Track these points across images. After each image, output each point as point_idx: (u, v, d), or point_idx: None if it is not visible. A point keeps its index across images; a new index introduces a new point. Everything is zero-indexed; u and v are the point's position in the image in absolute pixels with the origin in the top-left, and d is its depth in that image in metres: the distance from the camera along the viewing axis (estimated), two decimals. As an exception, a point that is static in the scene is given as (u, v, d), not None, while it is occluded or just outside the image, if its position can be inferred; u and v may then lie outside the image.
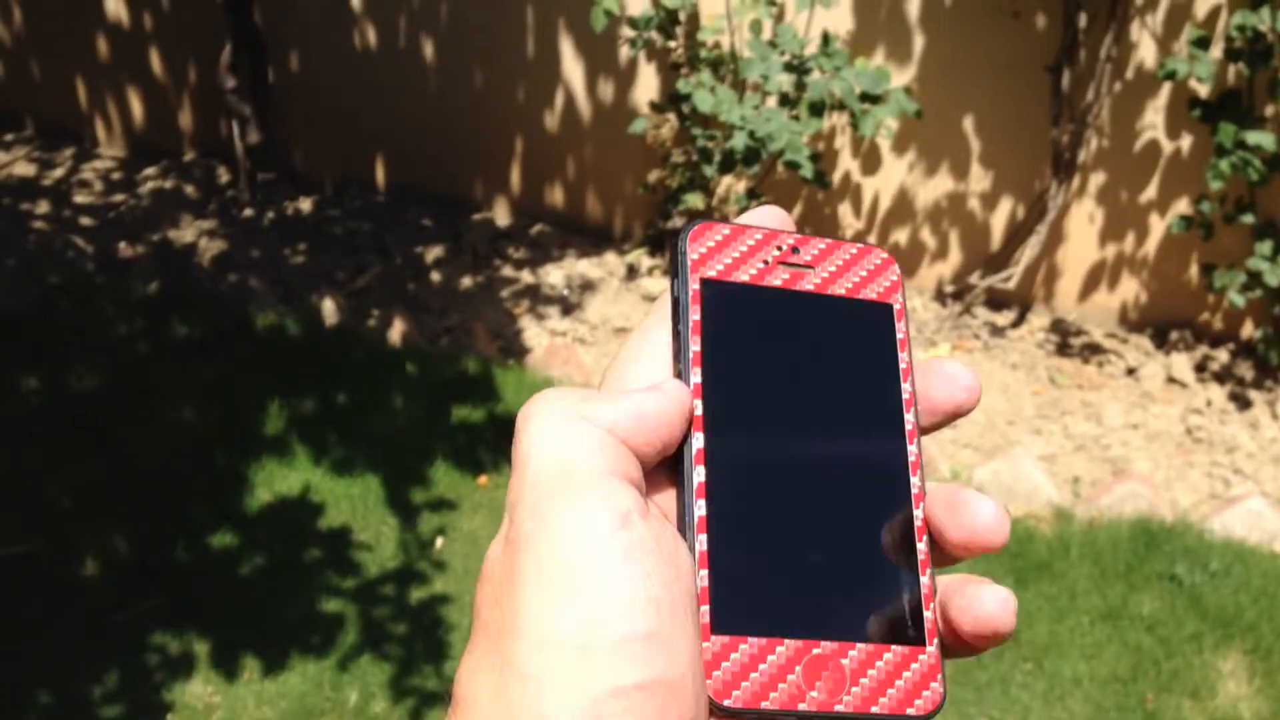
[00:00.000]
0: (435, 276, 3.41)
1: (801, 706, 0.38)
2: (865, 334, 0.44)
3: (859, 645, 0.39)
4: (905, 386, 0.43)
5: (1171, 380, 2.97)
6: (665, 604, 0.35)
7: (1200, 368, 3.00)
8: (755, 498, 0.40)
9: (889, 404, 0.43)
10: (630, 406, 0.39)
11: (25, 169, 3.97)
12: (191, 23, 3.77)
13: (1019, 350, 3.12)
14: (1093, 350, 3.10)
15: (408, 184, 3.73)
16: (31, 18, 4.07)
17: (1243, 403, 2.89)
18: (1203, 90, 2.87)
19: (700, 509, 0.39)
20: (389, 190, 3.78)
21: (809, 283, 0.44)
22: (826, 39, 2.93)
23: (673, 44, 3.14)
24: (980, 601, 0.39)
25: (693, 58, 3.09)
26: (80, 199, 3.79)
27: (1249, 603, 2.32)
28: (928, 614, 0.40)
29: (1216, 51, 2.80)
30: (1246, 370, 2.97)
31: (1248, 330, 3.05)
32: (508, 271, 3.43)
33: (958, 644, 0.40)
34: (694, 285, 0.42)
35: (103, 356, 3.03)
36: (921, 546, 0.41)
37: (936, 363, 0.43)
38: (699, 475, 0.40)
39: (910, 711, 0.39)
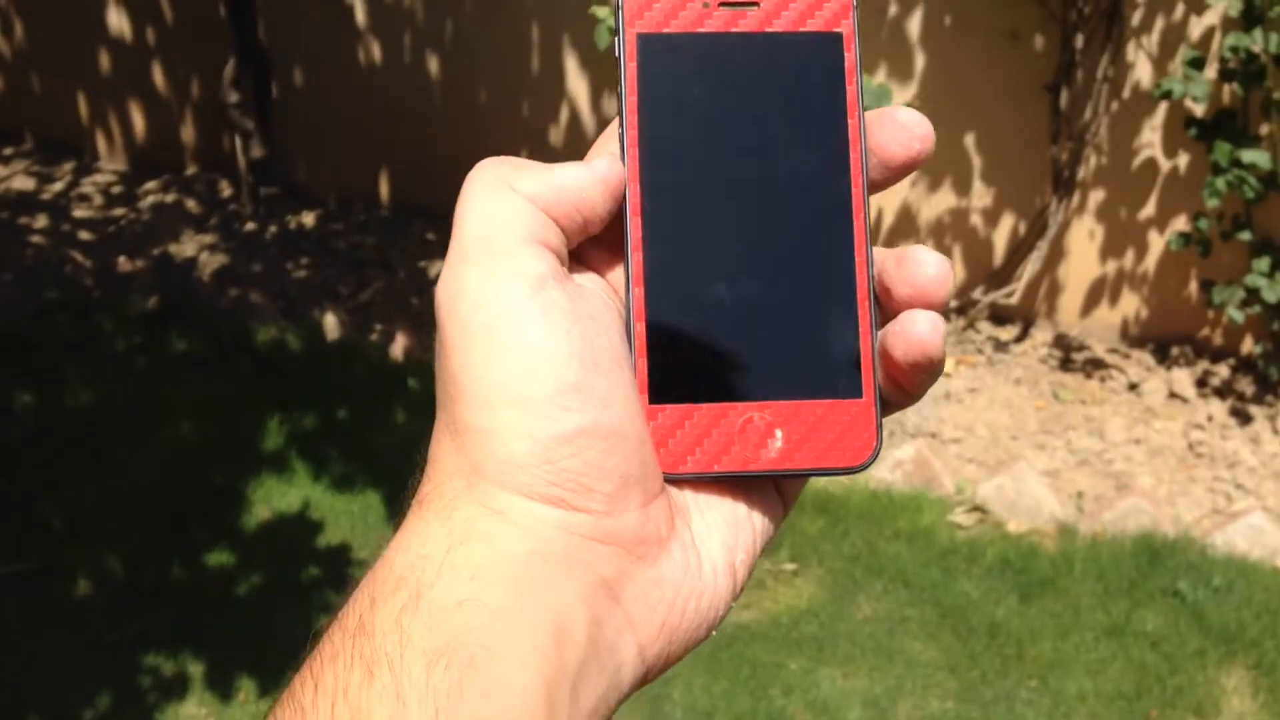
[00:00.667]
0: (436, 292, 3.42)
1: (752, 468, 0.39)
2: (810, 72, 0.41)
3: (802, 402, 0.40)
4: (851, 124, 0.41)
5: (1173, 395, 2.98)
6: (588, 357, 0.37)
7: (1201, 383, 3.01)
8: (694, 257, 0.40)
9: (834, 147, 0.41)
10: (551, 179, 0.39)
11: (24, 183, 3.97)
12: (195, 37, 3.78)
13: (1022, 365, 3.13)
14: (1095, 365, 3.11)
15: (411, 198, 3.74)
16: (32, 31, 4.08)
17: (1243, 418, 2.90)
18: (1198, 110, 2.89)
19: (636, 267, 0.39)
20: (393, 205, 3.79)
21: (750, 22, 0.42)
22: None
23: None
24: (912, 322, 0.40)
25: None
26: (80, 213, 3.79)
27: (1252, 619, 2.32)
28: (866, 365, 0.40)
29: (1211, 72, 2.83)
30: (1247, 385, 2.98)
31: (1247, 346, 3.06)
32: (509, 287, 3.43)
33: (894, 385, 0.41)
34: (628, 40, 0.41)
35: (101, 372, 3.02)
36: (863, 297, 0.40)
37: (889, 112, 0.42)
38: (633, 233, 0.40)
39: (851, 463, 0.40)
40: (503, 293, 0.37)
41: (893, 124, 0.42)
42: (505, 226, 0.38)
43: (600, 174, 0.40)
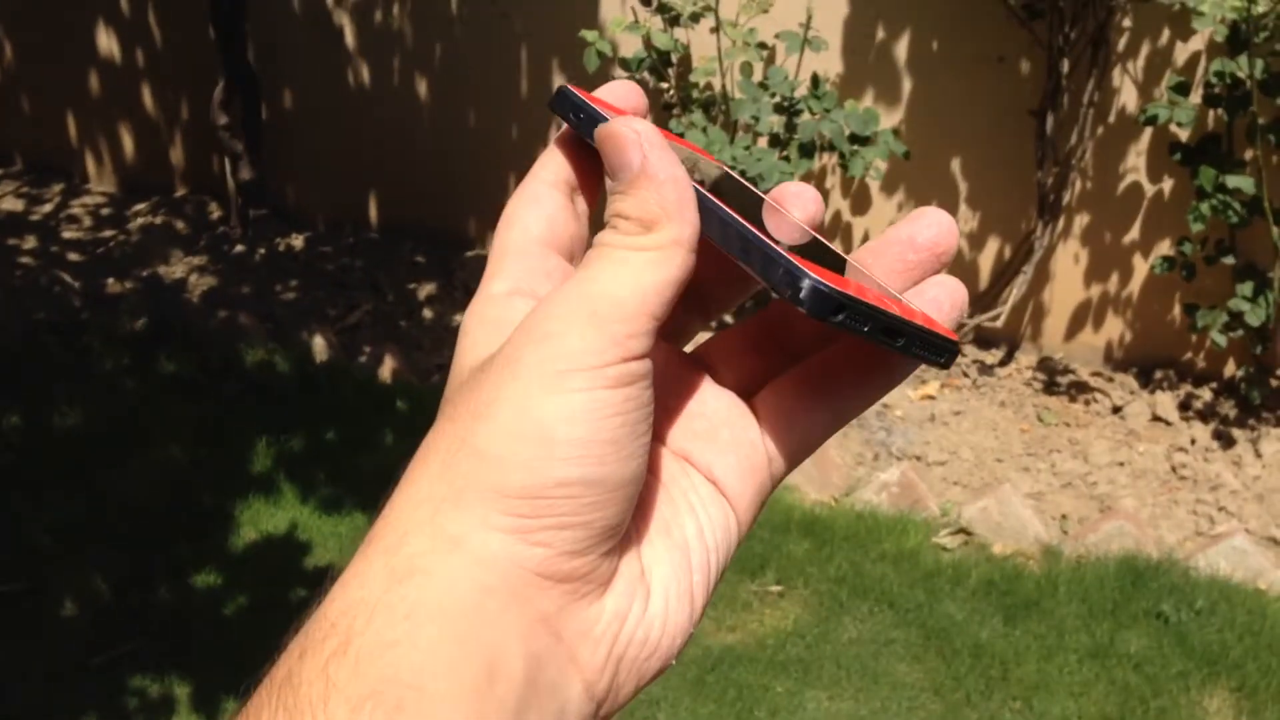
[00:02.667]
0: (427, 313, 3.42)
1: (891, 310, 0.39)
2: None
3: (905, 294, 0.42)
4: None
5: (1156, 419, 3.00)
6: (642, 425, 0.37)
7: (1184, 406, 3.03)
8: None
9: None
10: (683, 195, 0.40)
11: (13, 204, 3.97)
12: (184, 59, 3.79)
13: (1007, 388, 3.14)
14: (1079, 389, 3.12)
15: (401, 221, 3.75)
16: (22, 53, 4.09)
17: (1226, 441, 2.92)
18: (1183, 135, 2.92)
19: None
20: (382, 227, 3.80)
21: None
22: (816, 82, 2.97)
23: (665, 85, 3.17)
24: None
25: (685, 99, 3.12)
26: (69, 234, 3.80)
27: (1235, 640, 2.33)
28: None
29: (1196, 97, 2.85)
30: (1230, 409, 3.00)
31: (1230, 369, 3.08)
32: (498, 309, 3.44)
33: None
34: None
35: (89, 393, 3.02)
36: None
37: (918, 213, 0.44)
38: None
39: (953, 337, 0.41)
40: (594, 347, 0.36)
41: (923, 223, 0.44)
42: (629, 291, 0.37)
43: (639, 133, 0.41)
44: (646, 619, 0.38)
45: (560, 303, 0.38)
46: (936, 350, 0.39)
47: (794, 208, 0.44)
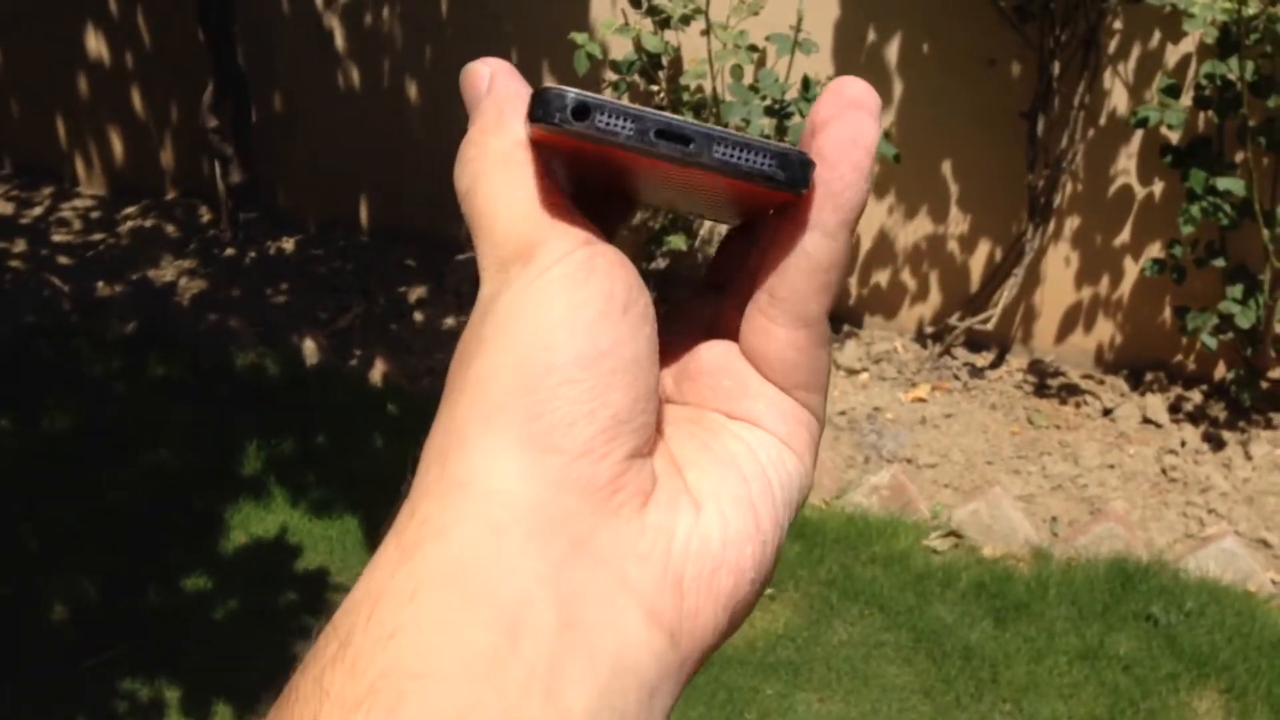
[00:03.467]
0: (418, 317, 3.42)
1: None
2: None
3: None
4: None
5: (1146, 421, 3.00)
6: (621, 298, 0.34)
7: (1174, 409, 3.03)
8: None
9: None
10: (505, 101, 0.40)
11: (3, 208, 3.96)
12: (174, 62, 3.79)
13: (998, 391, 3.14)
14: (1070, 391, 3.13)
15: (391, 224, 3.75)
16: (11, 56, 4.08)
17: (1216, 443, 2.92)
18: (1174, 137, 2.92)
19: None
20: (372, 230, 3.80)
21: None
22: (807, 83, 2.97)
23: (655, 88, 3.17)
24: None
25: (675, 101, 3.12)
26: (58, 238, 3.79)
27: (1224, 642, 2.33)
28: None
29: (1187, 99, 2.86)
30: (1220, 411, 3.01)
31: (1220, 372, 3.09)
32: (489, 312, 3.43)
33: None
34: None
35: (79, 396, 3.01)
36: None
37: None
38: None
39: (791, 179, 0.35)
40: (553, 248, 0.35)
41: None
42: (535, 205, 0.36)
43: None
44: (700, 528, 0.34)
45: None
46: (763, 157, 0.34)
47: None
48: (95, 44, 3.90)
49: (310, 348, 3.20)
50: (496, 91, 0.40)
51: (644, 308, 0.35)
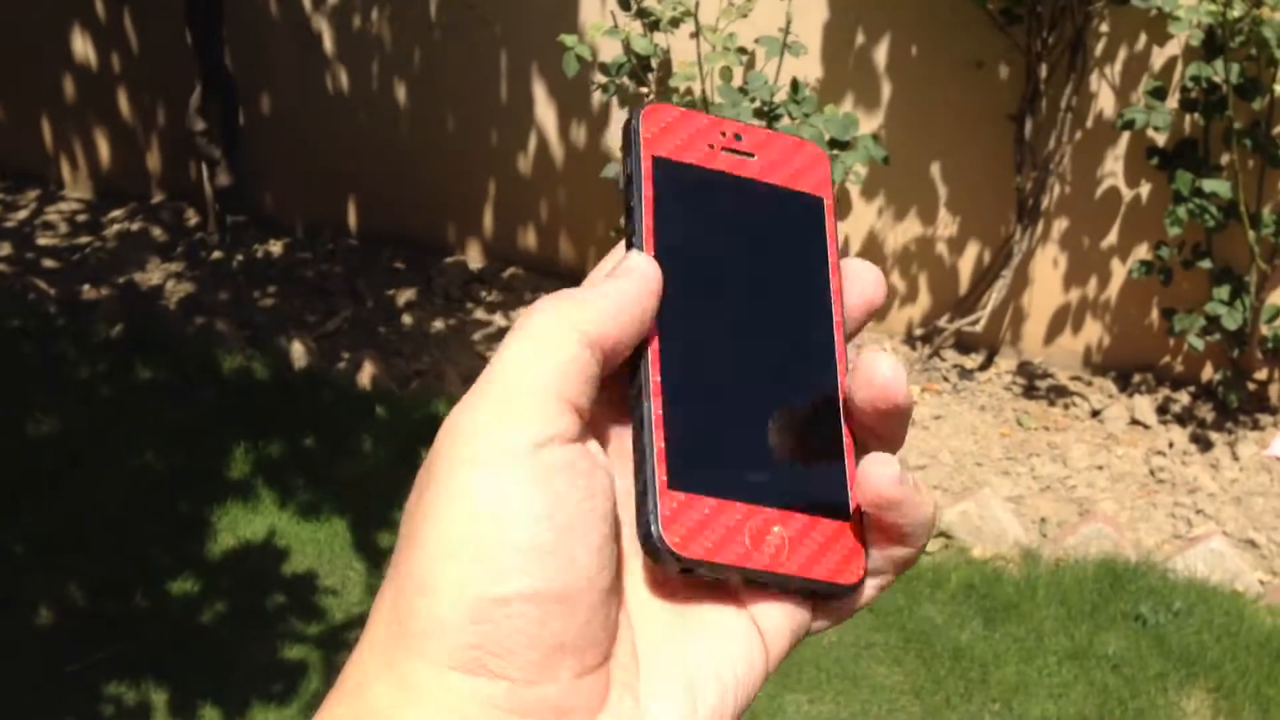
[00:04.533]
0: (407, 319, 3.41)
1: (750, 565, 0.39)
2: (799, 223, 0.45)
3: (797, 515, 0.41)
4: (833, 277, 0.45)
5: (1135, 422, 3.01)
6: (562, 519, 0.35)
7: (1162, 410, 3.04)
8: (702, 370, 0.42)
9: (819, 291, 0.44)
10: (610, 303, 0.39)
11: (-10, 210, 3.94)
12: (161, 64, 3.77)
13: (987, 393, 3.15)
14: (1058, 393, 3.13)
15: (380, 227, 3.74)
16: (-1, 60, 4.07)
17: (1204, 444, 2.93)
18: (1160, 139, 2.93)
19: (655, 376, 0.40)
20: (361, 233, 3.79)
21: (750, 169, 0.45)
22: (796, 86, 2.98)
23: (645, 90, 3.17)
24: (875, 367, 0.40)
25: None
26: (44, 241, 3.77)
27: (1212, 642, 2.34)
28: (851, 493, 0.42)
29: (1173, 102, 2.87)
30: (1207, 412, 3.02)
31: (1208, 373, 3.10)
32: (480, 315, 3.43)
33: (863, 430, 0.41)
34: (646, 162, 0.43)
35: (64, 400, 3.00)
36: (845, 428, 0.43)
37: (846, 263, 0.44)
38: (654, 345, 0.41)
39: (842, 581, 0.41)
40: (503, 439, 0.36)
41: (851, 276, 0.44)
42: (537, 377, 0.37)
43: (650, 275, 0.40)
44: None
45: (471, 392, 0.38)
46: (822, 591, 0.41)
47: (851, 288, 0.44)
48: (81, 46, 3.89)
49: (298, 350, 3.19)
50: (618, 288, 0.40)
51: (597, 520, 0.36)
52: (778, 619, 0.40)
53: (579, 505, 0.36)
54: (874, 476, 0.39)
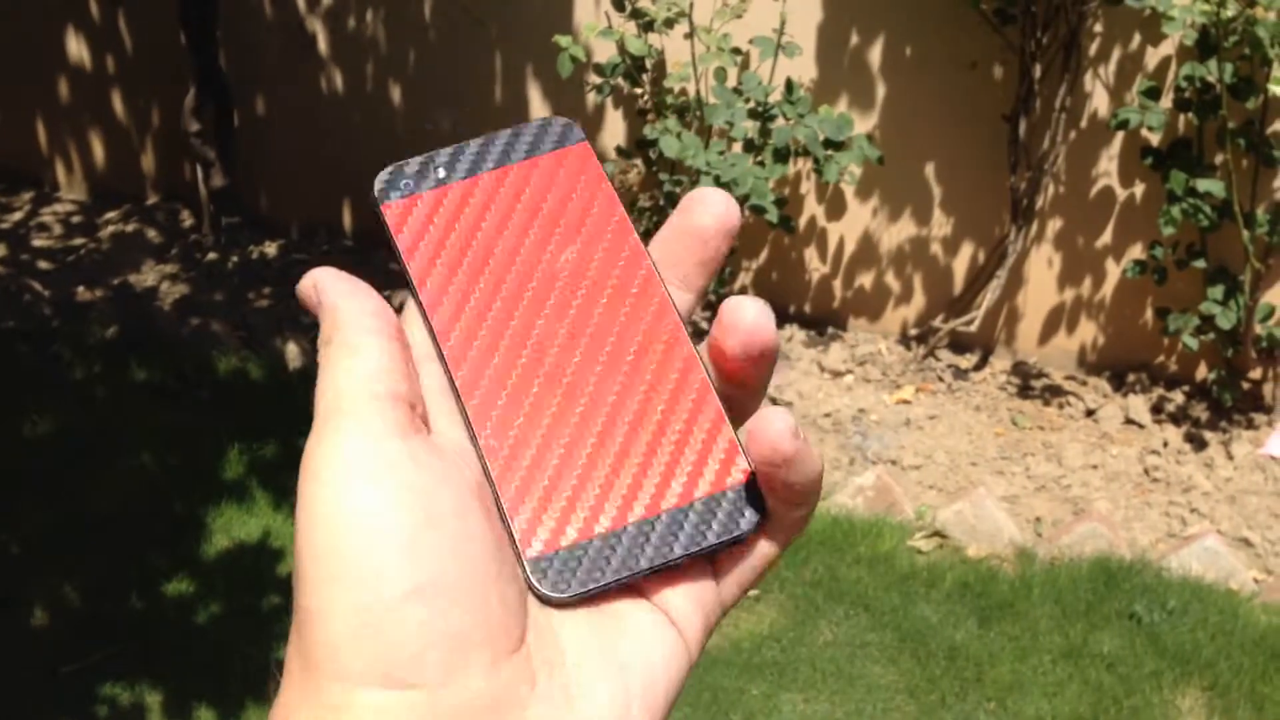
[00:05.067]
0: (400, 320, 3.41)
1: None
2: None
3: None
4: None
5: (1129, 422, 3.01)
6: (421, 515, 0.35)
7: (1157, 409, 3.05)
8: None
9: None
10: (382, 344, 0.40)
11: (-16, 212, 3.94)
12: (155, 65, 3.77)
13: (982, 392, 3.15)
14: (1053, 392, 3.14)
15: (375, 228, 3.74)
16: (-7, 61, 4.06)
17: (1198, 443, 2.94)
18: (1154, 139, 2.94)
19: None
20: (356, 234, 3.79)
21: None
22: (790, 87, 2.98)
23: (639, 90, 3.17)
24: (738, 311, 0.38)
25: (659, 104, 3.12)
26: (39, 242, 3.77)
27: (1206, 640, 2.34)
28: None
29: (1167, 101, 2.88)
30: (1201, 411, 3.02)
31: (1202, 372, 3.10)
32: (472, 315, 3.43)
33: (730, 383, 0.40)
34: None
35: (60, 401, 2.99)
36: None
37: (726, 312, 0.40)
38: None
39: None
40: (338, 457, 0.36)
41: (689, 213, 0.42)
42: (353, 384, 0.37)
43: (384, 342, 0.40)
44: None
45: (313, 425, 0.38)
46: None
47: (700, 213, 0.41)
48: (76, 47, 3.89)
49: (293, 351, 3.19)
50: (333, 309, 0.41)
51: (455, 507, 0.36)
52: (683, 605, 0.39)
53: (428, 496, 0.36)
54: (770, 431, 0.37)
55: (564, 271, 0.42)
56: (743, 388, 0.40)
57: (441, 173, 0.44)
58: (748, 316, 0.38)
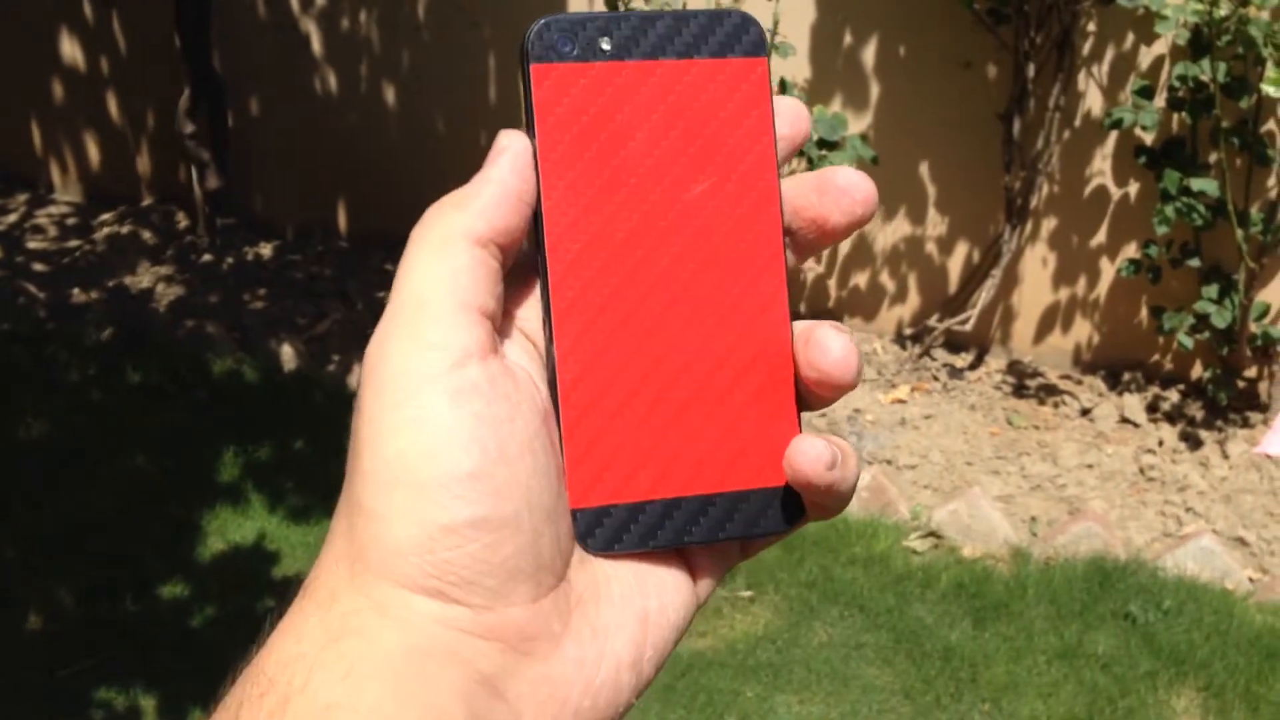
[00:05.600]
0: (395, 321, 3.40)
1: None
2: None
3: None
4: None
5: (1124, 421, 3.02)
6: (493, 444, 0.36)
7: (1152, 408, 3.05)
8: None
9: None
10: (488, 190, 0.38)
11: (-21, 214, 3.94)
12: (149, 67, 3.77)
13: (977, 392, 3.15)
14: (1048, 391, 3.14)
15: (370, 229, 3.74)
16: (-13, 63, 4.06)
17: (1193, 442, 2.94)
18: (1148, 138, 2.94)
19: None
20: (351, 235, 3.78)
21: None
22: (784, 86, 2.98)
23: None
24: (825, 351, 0.39)
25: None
26: (34, 245, 3.76)
27: (1201, 640, 2.34)
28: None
29: (1160, 100, 2.88)
30: (1197, 410, 3.02)
31: (1197, 371, 3.10)
32: (468, 316, 3.42)
33: (808, 394, 0.40)
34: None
35: (54, 403, 2.99)
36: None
37: (828, 175, 0.40)
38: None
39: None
40: (420, 366, 0.36)
41: (834, 189, 0.40)
42: (441, 290, 0.37)
43: (523, 150, 0.39)
44: (594, 688, 0.37)
45: (382, 321, 0.38)
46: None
47: (833, 206, 0.40)
48: (70, 49, 3.88)
49: (288, 353, 3.19)
50: (490, 177, 0.39)
51: (525, 439, 0.37)
52: (707, 564, 0.41)
53: (503, 427, 0.36)
54: (805, 463, 0.38)
55: (692, 203, 0.39)
56: (814, 403, 0.41)
57: (607, 45, 0.39)
58: (833, 354, 0.39)
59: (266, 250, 3.73)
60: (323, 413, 2.99)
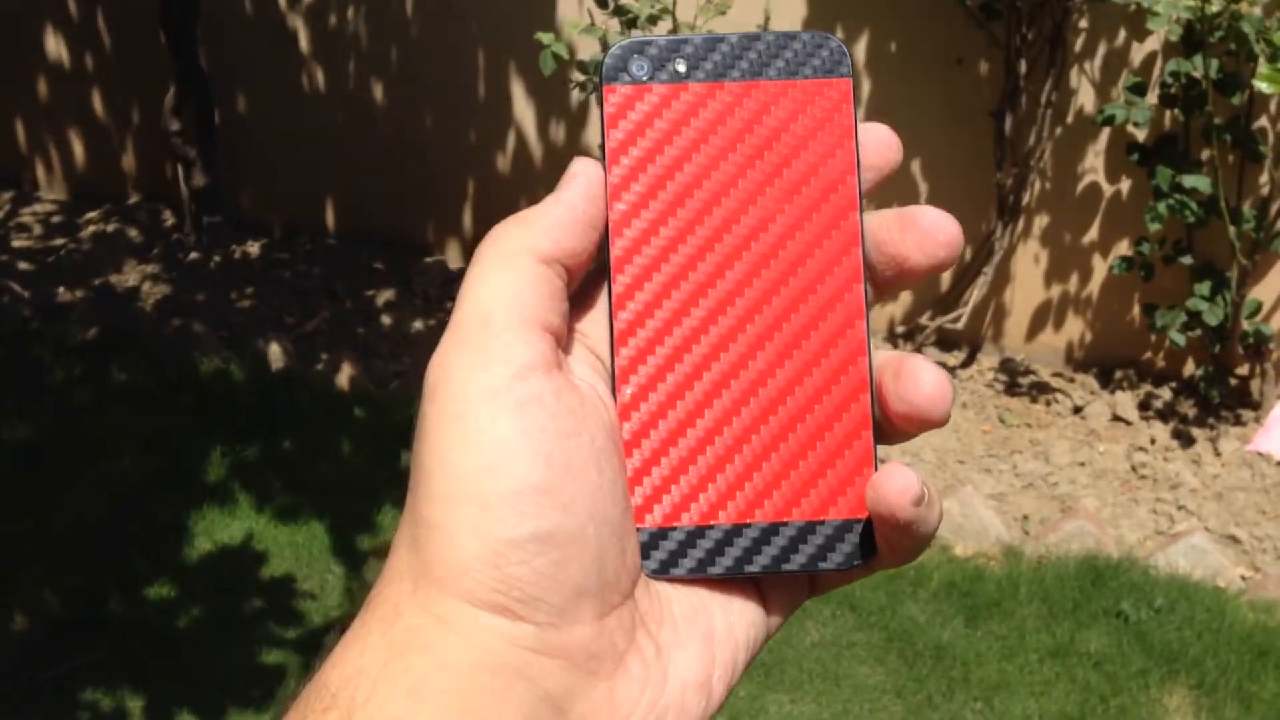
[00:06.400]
0: (386, 320, 3.39)
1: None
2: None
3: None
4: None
5: (1116, 418, 3.01)
6: (558, 458, 0.35)
7: (1144, 406, 3.04)
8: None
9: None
10: (558, 210, 0.38)
11: (-36, 213, 3.91)
12: (135, 64, 3.74)
13: (969, 390, 3.14)
14: (1040, 389, 3.13)
15: (358, 227, 3.71)
16: (-28, 60, 4.03)
17: (1186, 440, 2.93)
18: (1140, 135, 2.93)
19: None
20: (339, 234, 3.76)
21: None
22: (773, 83, 2.97)
23: (621, 88, 3.15)
24: (917, 384, 0.38)
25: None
26: (18, 243, 3.74)
27: (1193, 638, 2.33)
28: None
29: (1152, 97, 2.87)
30: (1189, 408, 3.02)
31: (1189, 369, 3.10)
32: (457, 314, 3.41)
33: (890, 428, 0.40)
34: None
35: (40, 403, 2.97)
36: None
37: (912, 214, 0.40)
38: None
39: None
40: (483, 380, 0.36)
41: (917, 228, 0.40)
42: (505, 306, 0.37)
43: (596, 178, 0.39)
44: (659, 708, 0.36)
45: (446, 333, 0.38)
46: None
47: (914, 247, 0.40)
48: (55, 46, 3.85)
49: (276, 352, 3.16)
50: (561, 199, 0.39)
51: (591, 454, 0.36)
52: (779, 595, 0.40)
53: (567, 441, 0.36)
54: (890, 495, 0.37)
55: (769, 232, 0.39)
56: (894, 436, 0.40)
57: (682, 66, 0.40)
58: (925, 387, 0.38)
59: (254, 248, 3.71)
60: (311, 412, 2.97)
